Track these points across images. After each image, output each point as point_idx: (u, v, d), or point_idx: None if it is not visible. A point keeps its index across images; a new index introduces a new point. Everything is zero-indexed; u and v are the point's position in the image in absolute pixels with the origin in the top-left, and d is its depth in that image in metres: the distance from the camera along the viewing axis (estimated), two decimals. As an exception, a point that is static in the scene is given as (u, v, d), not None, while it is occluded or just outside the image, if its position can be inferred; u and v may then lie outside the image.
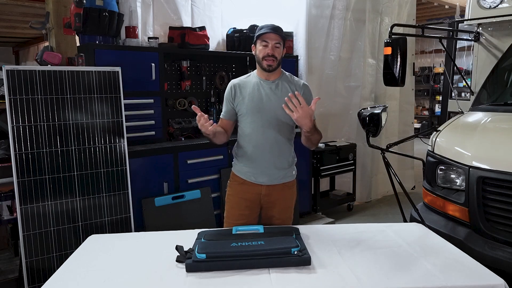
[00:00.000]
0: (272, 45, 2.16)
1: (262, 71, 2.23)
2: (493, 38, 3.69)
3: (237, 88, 2.28)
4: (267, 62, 2.18)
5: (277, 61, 2.19)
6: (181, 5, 4.03)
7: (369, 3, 5.08)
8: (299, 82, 2.30)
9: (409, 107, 5.88)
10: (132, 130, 3.37)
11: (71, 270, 1.69)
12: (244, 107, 2.24)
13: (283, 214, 2.33)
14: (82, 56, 3.02)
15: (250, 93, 2.24)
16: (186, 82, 3.98)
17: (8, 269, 3.20)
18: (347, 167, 4.89)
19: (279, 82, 2.25)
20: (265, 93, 2.23)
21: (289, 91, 2.18)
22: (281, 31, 2.21)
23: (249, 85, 2.27)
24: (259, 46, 2.20)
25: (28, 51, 9.79)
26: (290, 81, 2.28)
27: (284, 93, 2.19)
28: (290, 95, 2.00)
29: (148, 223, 3.28)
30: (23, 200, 2.66)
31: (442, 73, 10.17)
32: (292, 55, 4.61)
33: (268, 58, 2.17)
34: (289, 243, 1.74)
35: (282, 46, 2.22)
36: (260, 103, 2.22)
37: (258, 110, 2.22)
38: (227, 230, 1.97)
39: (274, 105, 2.20)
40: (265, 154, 2.23)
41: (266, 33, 2.16)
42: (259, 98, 2.23)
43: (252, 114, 2.23)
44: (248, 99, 2.24)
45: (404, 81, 2.95)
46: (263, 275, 1.60)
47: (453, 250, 1.84)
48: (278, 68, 2.24)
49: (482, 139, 2.63)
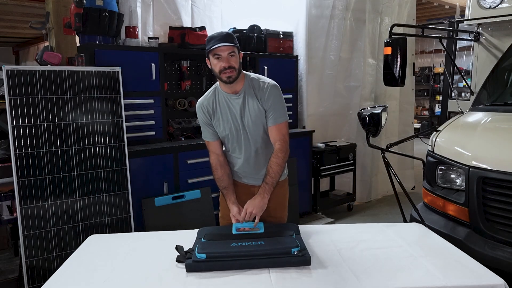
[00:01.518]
0: (226, 56, 2.03)
1: (224, 84, 2.11)
2: (493, 38, 3.69)
3: (209, 110, 2.19)
4: (226, 74, 2.04)
5: (236, 71, 2.05)
6: (181, 5, 4.03)
7: (369, 3, 5.08)
8: (263, 86, 2.15)
9: (409, 107, 5.88)
10: (132, 130, 3.37)
11: (71, 270, 1.69)
12: (221, 129, 2.20)
13: (277, 213, 2.32)
14: (82, 56, 3.02)
15: (223, 113, 2.18)
16: (186, 82, 3.98)
17: (8, 269, 3.20)
18: (347, 167, 4.89)
19: (244, 93, 2.15)
20: (235, 110, 2.15)
21: (255, 101, 2.14)
22: (232, 39, 2.06)
23: (219, 104, 2.18)
24: (213, 60, 2.06)
25: (28, 51, 9.79)
26: (254, 87, 2.15)
27: (251, 106, 2.14)
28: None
29: (148, 223, 3.28)
30: (23, 200, 2.66)
31: (442, 73, 10.17)
32: (292, 55, 4.60)
33: (225, 70, 2.03)
34: (289, 243, 1.74)
35: (238, 52, 2.09)
36: (235, 123, 2.17)
37: (235, 129, 2.18)
38: (227, 228, 1.98)
39: (248, 119, 2.15)
40: (250, 165, 2.24)
41: (216, 47, 2.02)
42: (233, 117, 2.16)
43: (230, 134, 2.19)
44: (223, 121, 2.18)
45: (404, 81, 2.95)
46: (263, 275, 1.60)
47: (453, 250, 1.84)
48: (239, 76, 2.10)
49: (482, 139, 2.63)
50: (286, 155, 2.15)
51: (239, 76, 2.10)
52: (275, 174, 2.11)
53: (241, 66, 2.13)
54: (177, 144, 3.61)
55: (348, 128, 5.20)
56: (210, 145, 2.28)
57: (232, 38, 2.07)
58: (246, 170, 2.26)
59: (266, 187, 2.09)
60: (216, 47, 2.01)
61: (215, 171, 2.26)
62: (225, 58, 2.03)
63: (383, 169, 2.90)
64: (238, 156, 2.24)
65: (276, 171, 2.12)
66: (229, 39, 2.05)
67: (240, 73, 2.11)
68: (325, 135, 4.98)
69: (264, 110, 2.14)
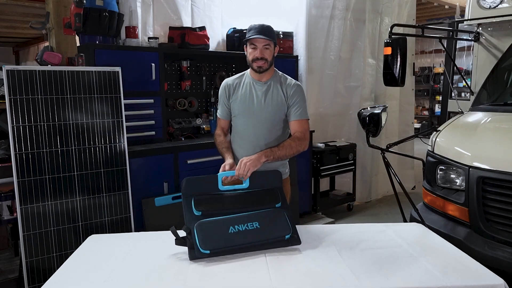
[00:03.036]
0: (261, 48, 2.19)
1: (254, 72, 2.27)
2: (493, 38, 3.69)
3: (230, 88, 2.33)
4: (257, 64, 2.21)
5: (267, 63, 2.22)
6: (181, 5, 4.03)
7: (369, 3, 5.08)
8: (290, 83, 2.30)
9: (409, 107, 5.88)
10: (132, 130, 3.37)
11: (71, 270, 1.69)
12: (237, 108, 2.32)
13: None
14: (82, 56, 3.02)
15: (242, 94, 2.30)
16: (186, 82, 3.98)
17: (8, 269, 3.20)
18: (347, 167, 4.89)
19: (271, 83, 2.28)
20: (256, 94, 2.27)
21: (280, 93, 2.26)
22: (270, 33, 2.21)
23: (242, 86, 2.31)
24: (248, 48, 2.24)
25: (28, 51, 9.78)
26: (282, 82, 2.30)
27: (275, 95, 2.26)
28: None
29: (148, 223, 3.28)
30: (23, 200, 2.66)
31: (442, 73, 10.17)
32: (292, 55, 4.60)
33: (257, 60, 2.20)
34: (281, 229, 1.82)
35: (273, 46, 2.23)
36: (251, 105, 2.27)
37: (249, 112, 2.28)
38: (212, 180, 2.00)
39: (265, 107, 2.26)
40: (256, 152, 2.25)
41: (253, 38, 2.18)
42: (251, 100, 2.28)
43: (244, 115, 2.30)
44: (240, 100, 2.30)
45: (404, 81, 2.95)
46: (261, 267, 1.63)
47: (453, 250, 1.84)
48: (270, 68, 2.26)
49: (482, 139, 2.63)
50: (301, 144, 2.22)
51: (269, 68, 2.25)
52: (283, 148, 2.18)
53: (274, 59, 2.27)
54: (177, 144, 3.61)
55: (348, 128, 5.20)
56: (221, 121, 2.43)
57: (270, 32, 2.21)
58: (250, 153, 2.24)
59: (268, 151, 2.14)
60: (253, 38, 2.17)
61: (219, 136, 2.39)
62: (260, 49, 2.18)
63: (383, 169, 2.90)
64: (242, 140, 2.31)
65: (285, 146, 2.19)
66: (267, 32, 2.19)
67: (271, 65, 2.26)
68: (325, 135, 4.99)
69: (286, 103, 2.26)
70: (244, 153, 2.26)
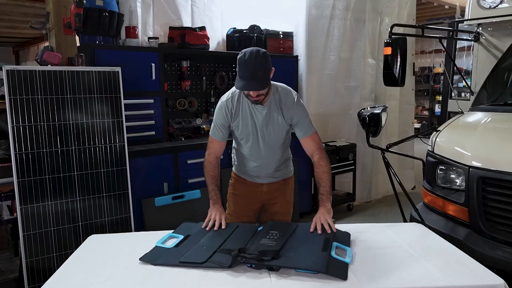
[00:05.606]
0: (254, 96, 2.03)
1: None
2: (493, 38, 3.69)
3: (232, 112, 2.18)
4: (253, 99, 2.06)
5: (264, 96, 2.07)
6: (181, 5, 4.03)
7: (369, 3, 5.08)
8: (287, 102, 2.16)
9: (409, 107, 5.88)
10: (132, 130, 3.37)
11: (71, 270, 1.69)
12: (239, 132, 2.21)
13: (285, 208, 2.41)
14: (82, 56, 3.02)
15: (243, 118, 2.18)
16: (186, 82, 3.98)
17: (8, 269, 3.20)
18: (347, 167, 4.89)
19: (270, 105, 2.15)
20: (257, 119, 2.17)
21: (280, 116, 2.16)
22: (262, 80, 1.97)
23: (242, 108, 2.17)
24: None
25: (28, 51, 9.79)
26: (279, 103, 2.15)
27: (275, 117, 2.16)
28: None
29: (148, 223, 3.28)
30: (23, 200, 2.66)
31: (442, 73, 10.16)
32: (292, 55, 4.60)
33: (252, 98, 2.05)
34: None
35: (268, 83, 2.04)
36: (254, 130, 2.19)
37: (254, 135, 2.20)
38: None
39: (268, 131, 2.19)
40: (264, 167, 2.30)
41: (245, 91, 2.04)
42: (253, 125, 2.18)
43: (247, 138, 2.21)
44: (243, 125, 2.18)
45: (404, 81, 2.95)
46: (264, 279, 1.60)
47: (453, 250, 1.84)
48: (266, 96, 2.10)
49: (482, 139, 2.63)
50: (327, 161, 2.16)
51: (266, 98, 2.09)
52: (326, 183, 2.12)
53: (270, 86, 2.10)
54: (177, 144, 3.61)
55: (348, 128, 5.20)
56: (215, 143, 2.25)
57: (262, 74, 1.97)
58: (259, 171, 2.31)
59: (323, 198, 2.10)
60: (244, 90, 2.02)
61: (210, 164, 2.23)
62: (253, 95, 2.03)
63: (383, 169, 2.89)
64: (252, 160, 2.29)
65: (325, 179, 2.12)
66: (259, 79, 1.95)
67: (267, 95, 2.09)
68: (325, 135, 4.98)
69: (287, 124, 2.19)
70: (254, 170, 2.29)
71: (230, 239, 1.89)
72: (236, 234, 1.96)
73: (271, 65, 2.02)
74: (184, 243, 1.89)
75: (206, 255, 1.71)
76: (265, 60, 1.97)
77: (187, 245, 1.85)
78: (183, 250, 1.80)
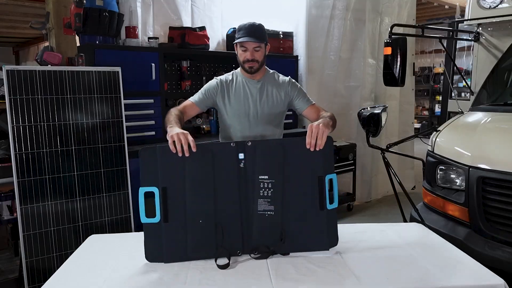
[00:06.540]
0: (251, 50, 2.15)
1: (246, 72, 2.25)
2: (493, 38, 3.69)
3: (224, 87, 2.24)
4: (248, 65, 2.18)
5: (258, 63, 2.19)
6: (181, 5, 4.03)
7: (369, 3, 5.08)
8: (284, 81, 2.29)
9: (409, 107, 5.88)
10: (132, 130, 3.37)
11: (71, 270, 1.69)
12: (231, 110, 2.25)
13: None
14: (82, 56, 3.02)
15: (237, 95, 2.24)
16: (186, 82, 3.98)
17: (8, 269, 3.20)
18: (347, 167, 4.89)
19: (264, 82, 2.27)
20: (250, 93, 2.25)
21: (275, 92, 2.25)
22: (260, 34, 2.16)
23: (235, 86, 2.26)
24: (239, 50, 2.19)
25: (28, 51, 9.80)
26: (275, 80, 2.29)
27: (270, 93, 2.25)
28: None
29: (148, 223, 3.28)
30: (23, 200, 2.66)
31: (442, 73, 10.16)
32: (292, 55, 4.60)
33: (248, 62, 2.17)
34: None
35: (264, 46, 2.21)
36: (246, 104, 2.24)
37: (246, 113, 2.24)
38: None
39: (261, 105, 2.24)
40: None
41: (242, 41, 2.14)
42: (246, 98, 2.24)
43: (239, 117, 2.25)
44: (235, 102, 2.23)
45: (404, 81, 2.95)
46: (262, 267, 1.61)
47: (453, 250, 1.84)
48: (261, 68, 2.24)
49: (482, 139, 2.63)
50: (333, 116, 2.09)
51: (260, 68, 2.23)
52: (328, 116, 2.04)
53: (265, 59, 2.24)
54: (177, 144, 3.61)
55: (348, 128, 5.19)
56: (189, 103, 2.19)
57: (260, 32, 2.16)
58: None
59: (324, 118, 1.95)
60: (243, 41, 2.13)
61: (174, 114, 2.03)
62: (250, 51, 2.15)
63: (383, 169, 2.89)
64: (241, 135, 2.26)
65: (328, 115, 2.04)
66: (257, 33, 2.14)
67: (262, 65, 2.23)
68: (325, 135, 4.97)
69: (284, 100, 2.26)
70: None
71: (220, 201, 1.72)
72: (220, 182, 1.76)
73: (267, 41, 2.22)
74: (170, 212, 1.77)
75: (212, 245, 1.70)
76: (263, 27, 2.21)
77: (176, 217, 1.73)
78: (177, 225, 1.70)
